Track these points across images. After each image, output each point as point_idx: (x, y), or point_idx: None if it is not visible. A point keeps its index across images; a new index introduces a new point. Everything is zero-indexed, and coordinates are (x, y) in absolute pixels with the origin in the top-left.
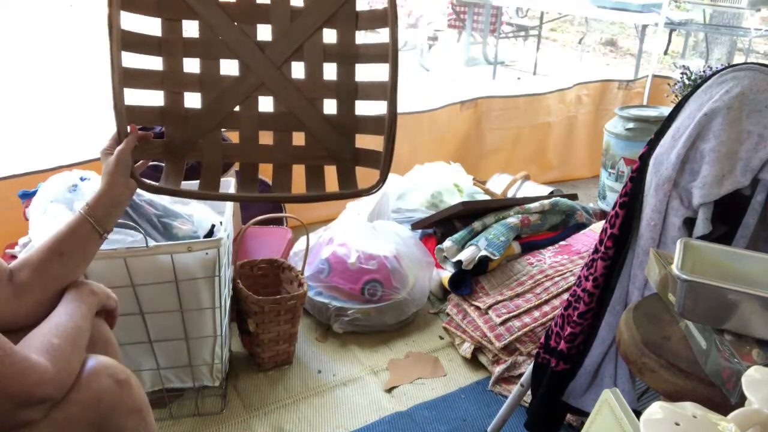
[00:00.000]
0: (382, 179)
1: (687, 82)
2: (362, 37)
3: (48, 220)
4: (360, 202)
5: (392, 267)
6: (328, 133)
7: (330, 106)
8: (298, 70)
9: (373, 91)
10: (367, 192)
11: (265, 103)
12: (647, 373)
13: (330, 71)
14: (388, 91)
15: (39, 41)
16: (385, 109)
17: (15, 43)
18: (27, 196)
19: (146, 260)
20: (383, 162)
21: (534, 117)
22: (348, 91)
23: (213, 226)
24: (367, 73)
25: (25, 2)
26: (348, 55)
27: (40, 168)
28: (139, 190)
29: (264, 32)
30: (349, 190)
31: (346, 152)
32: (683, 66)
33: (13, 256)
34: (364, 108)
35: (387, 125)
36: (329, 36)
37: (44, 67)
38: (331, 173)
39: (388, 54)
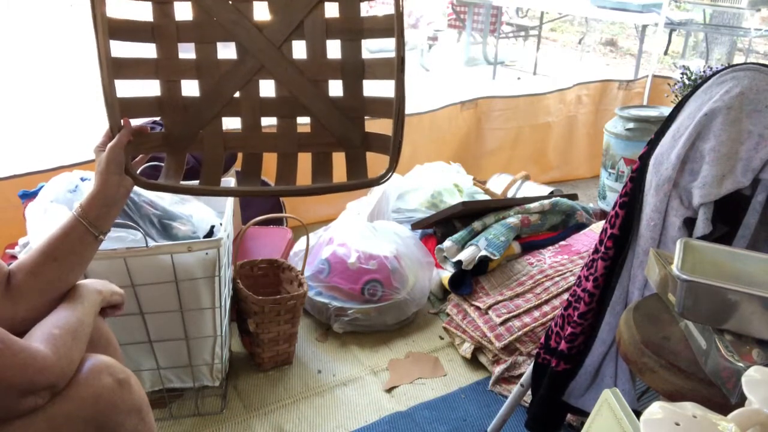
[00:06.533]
0: (392, 166)
1: (687, 82)
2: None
3: (47, 220)
4: (360, 201)
5: (392, 267)
6: (335, 117)
7: (336, 89)
8: (299, 50)
9: (380, 69)
10: (377, 182)
11: (267, 88)
12: (647, 373)
13: (334, 50)
14: (394, 67)
15: (40, 41)
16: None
17: (15, 43)
18: (27, 196)
19: (146, 260)
20: (392, 147)
21: (534, 117)
22: (354, 70)
23: (213, 226)
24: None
25: (26, 2)
26: (352, 30)
27: (40, 168)
28: (139, 190)
29: (261, 11)
30: (359, 180)
31: (356, 137)
32: (683, 66)
33: (13, 257)
34: (371, 90)
35: (395, 105)
36: (331, 10)
37: (45, 67)
38: (338, 165)
39: (394, 27)
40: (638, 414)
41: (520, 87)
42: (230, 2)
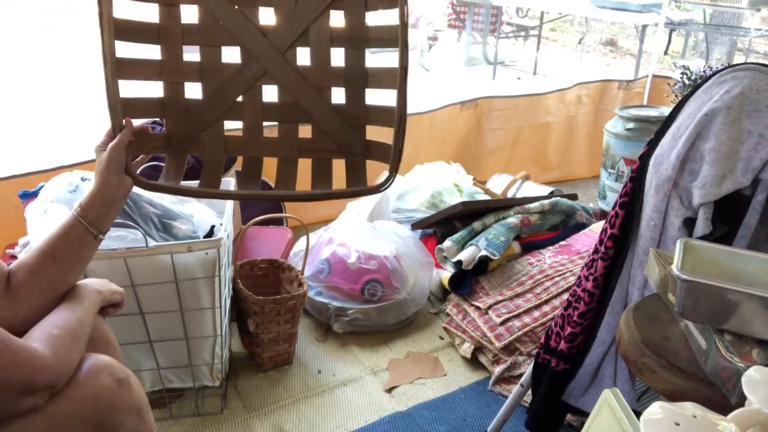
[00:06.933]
0: (392, 175)
1: (687, 82)
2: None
3: (47, 220)
4: (360, 202)
5: (392, 267)
6: (337, 125)
7: (339, 96)
8: (303, 56)
9: (383, 78)
10: (376, 189)
11: (270, 93)
12: (647, 373)
13: (338, 58)
14: (397, 77)
15: (40, 41)
16: (395, 98)
17: (16, 43)
18: (27, 196)
19: (146, 260)
20: (393, 156)
21: (534, 117)
22: (357, 78)
23: (213, 226)
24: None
25: (26, 3)
26: (357, 38)
27: (40, 168)
28: (139, 190)
29: (267, 16)
30: (358, 187)
31: (356, 145)
32: (683, 66)
33: (13, 257)
34: (374, 98)
35: (397, 115)
36: (337, 19)
37: (46, 67)
38: (338, 170)
39: (398, 37)
40: (638, 414)
41: (520, 87)
42: (236, 7)
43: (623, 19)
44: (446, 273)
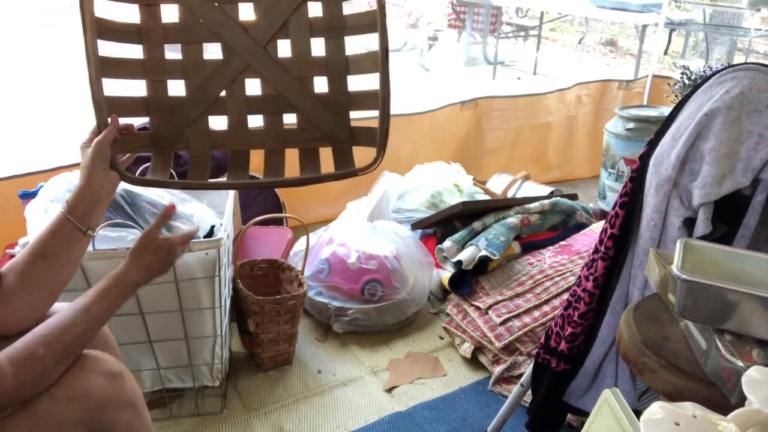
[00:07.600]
0: (379, 155)
1: (687, 82)
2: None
3: (47, 220)
4: (360, 201)
5: (392, 267)
6: (321, 114)
7: (321, 85)
8: (284, 49)
9: (364, 63)
10: (364, 170)
11: (253, 87)
12: (647, 373)
13: (318, 48)
14: (378, 60)
15: (40, 41)
16: (378, 82)
17: (16, 43)
18: (27, 196)
19: None
20: (379, 136)
21: (534, 117)
22: (338, 66)
23: (213, 226)
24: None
25: (26, 2)
26: (335, 27)
27: (40, 168)
28: (140, 190)
29: (246, 12)
30: (346, 170)
31: (342, 132)
32: (683, 66)
33: (13, 257)
34: (356, 84)
35: (381, 96)
36: (315, 10)
37: (46, 67)
38: (326, 157)
39: (377, 22)
40: (638, 414)
41: (520, 87)
42: (216, 4)
43: (623, 19)
44: (446, 273)
